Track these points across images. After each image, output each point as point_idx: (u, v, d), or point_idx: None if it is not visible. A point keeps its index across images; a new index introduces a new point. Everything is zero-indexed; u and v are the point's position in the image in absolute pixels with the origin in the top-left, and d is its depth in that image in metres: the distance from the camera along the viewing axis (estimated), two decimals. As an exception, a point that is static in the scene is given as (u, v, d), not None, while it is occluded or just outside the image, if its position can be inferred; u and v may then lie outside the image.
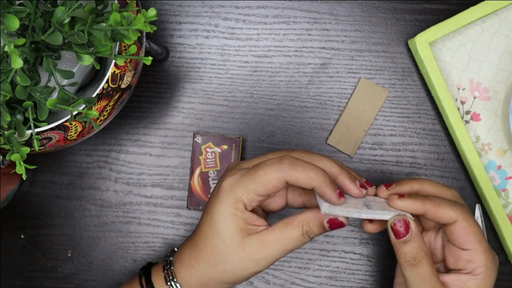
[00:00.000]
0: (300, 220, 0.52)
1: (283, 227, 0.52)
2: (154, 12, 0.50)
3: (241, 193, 0.52)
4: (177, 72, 0.71)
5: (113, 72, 0.55)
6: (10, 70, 0.49)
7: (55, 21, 0.48)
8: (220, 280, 0.54)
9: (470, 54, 0.69)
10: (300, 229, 0.52)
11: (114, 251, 0.71)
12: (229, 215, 0.52)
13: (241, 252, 0.52)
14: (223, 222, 0.53)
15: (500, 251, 0.70)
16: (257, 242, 0.52)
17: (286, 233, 0.52)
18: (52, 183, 0.71)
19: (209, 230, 0.54)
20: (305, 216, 0.52)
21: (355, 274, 0.70)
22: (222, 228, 0.53)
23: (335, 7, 0.71)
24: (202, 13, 0.71)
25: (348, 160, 0.70)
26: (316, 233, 0.53)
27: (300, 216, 0.53)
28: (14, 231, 0.71)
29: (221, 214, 0.53)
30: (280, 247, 0.52)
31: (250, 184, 0.52)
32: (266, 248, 0.52)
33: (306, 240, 0.53)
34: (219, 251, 0.53)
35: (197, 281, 0.55)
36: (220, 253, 0.53)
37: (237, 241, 0.52)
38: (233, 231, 0.52)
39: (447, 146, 0.71)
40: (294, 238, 0.52)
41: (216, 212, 0.53)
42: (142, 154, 0.71)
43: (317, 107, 0.71)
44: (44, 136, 0.55)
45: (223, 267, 0.53)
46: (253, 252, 0.52)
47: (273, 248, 0.52)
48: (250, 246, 0.52)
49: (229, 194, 0.52)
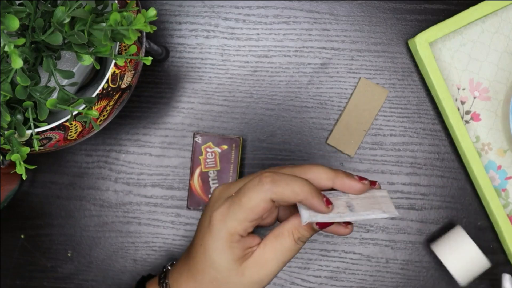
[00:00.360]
0: (289, 229, 0.51)
1: (274, 240, 0.52)
2: (154, 12, 0.50)
3: (234, 226, 0.51)
4: (177, 72, 0.71)
5: (113, 72, 0.55)
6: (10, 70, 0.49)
7: (55, 21, 0.48)
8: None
9: (470, 54, 0.69)
10: (292, 237, 0.51)
11: (114, 251, 0.71)
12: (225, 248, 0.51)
13: (242, 279, 0.52)
14: (219, 255, 0.51)
15: (500, 251, 0.70)
16: (254, 265, 0.51)
17: (279, 245, 0.51)
18: (52, 183, 0.71)
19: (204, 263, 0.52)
20: (293, 224, 0.52)
21: (355, 274, 0.70)
22: (218, 261, 0.51)
23: (335, 7, 0.71)
24: (202, 13, 0.71)
25: (348, 160, 0.70)
26: (308, 236, 0.52)
27: (288, 225, 0.52)
28: (14, 231, 0.71)
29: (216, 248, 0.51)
30: (277, 262, 0.52)
31: (239, 215, 0.50)
32: (264, 268, 0.51)
33: (300, 246, 0.52)
34: (219, 282, 0.52)
35: None
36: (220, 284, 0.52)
37: (235, 270, 0.51)
38: (230, 262, 0.51)
39: (447, 146, 0.71)
40: (288, 248, 0.51)
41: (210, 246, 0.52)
42: (142, 154, 0.71)
43: (317, 107, 0.71)
44: (44, 136, 0.55)
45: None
46: (253, 275, 0.51)
47: (271, 265, 0.51)
48: (248, 271, 0.51)
49: (222, 229, 0.51)
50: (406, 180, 0.70)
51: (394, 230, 0.70)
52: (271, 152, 0.71)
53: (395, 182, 0.70)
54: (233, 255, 0.51)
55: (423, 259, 0.70)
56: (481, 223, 0.70)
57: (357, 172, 0.70)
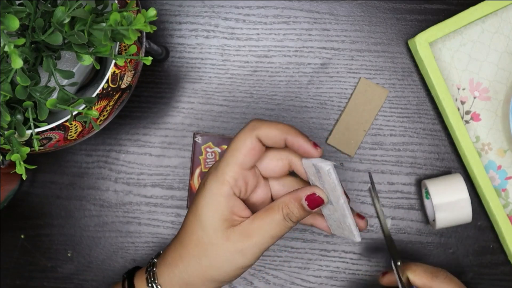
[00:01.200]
0: (280, 203, 0.51)
1: (264, 213, 0.52)
2: (154, 12, 0.50)
3: (223, 172, 0.51)
4: (177, 72, 0.71)
5: (113, 72, 0.55)
6: (10, 70, 0.49)
7: (55, 21, 0.48)
8: (205, 277, 0.52)
9: (470, 54, 0.69)
10: (281, 211, 0.51)
11: (114, 251, 0.71)
12: (215, 203, 0.51)
13: (226, 243, 0.51)
14: (208, 211, 0.51)
15: (500, 251, 0.70)
16: (241, 232, 0.51)
17: (268, 218, 0.51)
18: (52, 183, 0.71)
19: (193, 223, 0.52)
20: (284, 199, 0.52)
21: (355, 274, 0.70)
22: (205, 219, 0.51)
23: (335, 7, 0.71)
24: (202, 13, 0.71)
25: (348, 160, 0.70)
26: (297, 216, 0.51)
27: (279, 200, 0.52)
28: (14, 231, 0.71)
29: (206, 203, 0.52)
30: (264, 234, 0.51)
31: (228, 158, 0.52)
32: (250, 236, 0.51)
33: (289, 224, 0.51)
34: (203, 243, 0.52)
35: (180, 280, 0.53)
36: (204, 246, 0.52)
37: (221, 232, 0.51)
38: (217, 221, 0.51)
39: (447, 146, 0.71)
40: (276, 222, 0.51)
41: (201, 201, 0.52)
42: (142, 154, 0.71)
43: (317, 107, 0.71)
44: (44, 136, 0.55)
45: (208, 260, 0.52)
46: (237, 241, 0.51)
47: (257, 235, 0.51)
48: (234, 237, 0.51)
49: (213, 179, 0.52)
50: (406, 180, 0.70)
51: (394, 230, 0.70)
52: (271, 152, 0.71)
53: (395, 182, 0.70)
54: (220, 214, 0.51)
55: (423, 259, 0.70)
56: (481, 223, 0.70)
57: (357, 172, 0.70)
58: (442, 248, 0.70)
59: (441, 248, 0.70)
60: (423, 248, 0.70)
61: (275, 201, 0.52)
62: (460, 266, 0.70)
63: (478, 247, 0.70)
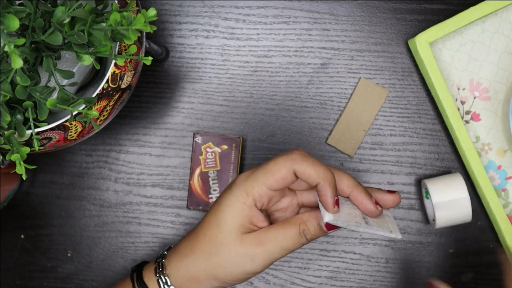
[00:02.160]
0: (298, 219, 0.53)
1: (281, 224, 0.53)
2: (154, 12, 0.50)
3: (251, 186, 0.52)
4: (177, 72, 0.71)
5: (113, 72, 0.55)
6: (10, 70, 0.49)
7: (55, 21, 0.48)
8: (211, 274, 0.53)
9: (470, 54, 0.69)
10: (298, 227, 0.52)
11: (114, 251, 0.71)
12: (237, 208, 0.53)
13: (238, 246, 0.52)
14: (228, 213, 0.53)
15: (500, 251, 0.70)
16: (255, 238, 0.52)
17: (283, 230, 0.52)
18: (52, 183, 0.71)
19: (213, 219, 0.54)
20: (303, 216, 0.53)
21: (355, 274, 0.70)
22: (225, 219, 0.53)
23: (335, 7, 0.71)
24: (202, 13, 0.71)
25: (348, 160, 0.70)
26: (313, 234, 0.53)
27: (298, 216, 0.53)
28: (14, 231, 0.71)
29: (228, 205, 0.53)
30: (276, 244, 0.52)
31: (260, 176, 0.52)
32: (262, 244, 0.52)
33: (303, 240, 0.53)
34: (217, 241, 0.53)
35: (187, 272, 0.54)
36: (217, 244, 0.53)
37: (236, 234, 0.52)
38: (235, 224, 0.52)
39: (447, 146, 0.71)
40: (291, 235, 0.52)
41: (224, 203, 0.53)
42: (142, 154, 0.71)
43: (317, 107, 0.71)
44: (44, 136, 0.55)
45: (217, 259, 0.53)
46: (249, 246, 0.52)
47: (270, 244, 0.52)
48: (247, 241, 0.52)
49: (240, 187, 0.53)
50: (406, 180, 0.70)
51: (394, 230, 0.70)
52: (271, 152, 0.71)
53: (395, 182, 0.70)
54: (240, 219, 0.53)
55: (423, 259, 0.70)
56: (481, 223, 0.70)
57: (357, 172, 0.70)
58: (442, 248, 0.70)
59: (441, 248, 0.70)
60: (423, 248, 0.70)
61: (294, 216, 0.53)
62: (460, 266, 0.70)
63: (478, 247, 0.70)
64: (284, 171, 0.52)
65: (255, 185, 0.52)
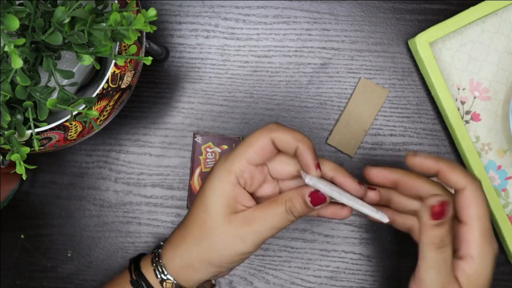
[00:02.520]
0: (284, 196, 0.53)
1: (268, 203, 0.53)
2: (154, 12, 0.50)
3: (232, 163, 0.53)
4: (177, 72, 0.71)
5: (113, 72, 0.55)
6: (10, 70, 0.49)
7: (55, 21, 0.48)
8: (205, 260, 0.54)
9: (470, 54, 0.69)
10: (284, 204, 0.53)
11: (114, 251, 0.71)
12: (220, 189, 0.53)
13: (227, 227, 0.53)
14: (212, 196, 0.53)
15: (500, 251, 0.70)
16: (243, 218, 0.53)
17: (271, 209, 0.53)
18: (52, 183, 0.71)
19: (199, 206, 0.54)
20: (288, 193, 0.53)
21: (355, 274, 0.70)
22: (210, 202, 0.53)
23: (335, 7, 0.71)
24: (202, 13, 0.71)
25: (348, 160, 0.70)
26: (299, 211, 0.53)
27: (284, 194, 0.54)
28: (14, 231, 0.71)
29: (212, 188, 0.53)
30: (264, 223, 0.53)
31: (239, 151, 0.53)
32: (251, 224, 0.52)
33: (290, 217, 0.53)
34: (205, 225, 0.53)
35: (181, 260, 0.55)
36: (206, 228, 0.53)
37: (223, 216, 0.53)
38: (221, 206, 0.53)
39: (447, 146, 0.71)
40: (279, 214, 0.53)
41: (208, 186, 0.54)
42: (142, 154, 0.71)
43: (317, 107, 0.71)
44: (44, 136, 0.55)
45: (208, 243, 0.53)
46: (238, 227, 0.53)
47: (258, 224, 0.53)
48: (235, 222, 0.53)
49: (221, 167, 0.53)
50: (406, 180, 0.70)
51: (394, 230, 0.70)
52: (271, 152, 0.71)
53: (395, 182, 0.70)
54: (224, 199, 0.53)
55: (423, 259, 0.70)
56: (481, 223, 0.70)
57: (357, 173, 0.70)
58: (442, 248, 0.70)
59: (441, 248, 0.70)
60: (423, 248, 0.70)
61: (280, 195, 0.54)
62: (460, 266, 0.70)
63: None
64: (262, 140, 0.52)
65: (236, 161, 0.53)
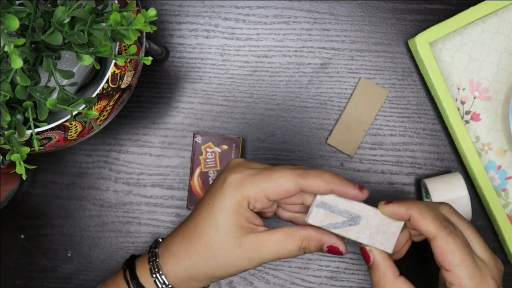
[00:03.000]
0: (302, 236, 0.52)
1: (283, 236, 0.52)
2: (154, 12, 0.50)
3: (250, 191, 0.52)
4: (177, 72, 0.71)
5: (113, 72, 0.55)
6: (10, 70, 0.49)
7: (55, 21, 0.48)
8: (210, 275, 0.54)
9: (470, 54, 0.69)
10: (299, 244, 0.52)
11: (114, 251, 0.71)
12: (232, 210, 0.52)
13: (237, 250, 0.52)
14: (224, 216, 0.52)
15: (500, 251, 0.70)
16: (254, 243, 0.52)
17: (285, 244, 0.52)
18: (52, 183, 0.71)
19: (207, 222, 0.53)
20: (308, 234, 0.53)
21: (355, 274, 0.70)
22: (221, 222, 0.52)
23: (335, 7, 0.71)
24: (202, 13, 0.71)
25: (348, 160, 0.70)
26: (312, 251, 0.53)
27: (303, 232, 0.53)
28: (14, 231, 0.71)
29: (223, 208, 0.52)
30: (274, 254, 0.52)
31: (262, 184, 0.52)
32: (261, 251, 0.52)
33: (300, 254, 0.53)
34: (214, 246, 0.52)
35: (185, 274, 0.54)
36: (215, 248, 0.52)
37: (234, 238, 0.52)
38: (233, 227, 0.52)
39: (447, 146, 0.71)
40: (290, 250, 0.52)
41: (218, 204, 0.52)
42: (142, 154, 0.71)
43: (317, 107, 0.71)
44: (44, 136, 0.55)
45: (215, 262, 0.53)
46: (248, 251, 0.52)
47: (268, 253, 0.52)
48: (246, 245, 0.52)
49: (236, 190, 0.52)
50: (406, 180, 0.70)
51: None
52: (271, 152, 0.71)
53: (395, 182, 0.70)
54: (237, 220, 0.52)
55: (422, 259, 0.70)
56: (481, 223, 0.70)
57: (357, 172, 0.70)
58: (442, 248, 0.70)
59: (441, 248, 0.70)
60: (423, 247, 0.70)
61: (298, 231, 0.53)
62: (460, 266, 0.70)
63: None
64: (290, 185, 0.51)
65: (255, 190, 0.52)
